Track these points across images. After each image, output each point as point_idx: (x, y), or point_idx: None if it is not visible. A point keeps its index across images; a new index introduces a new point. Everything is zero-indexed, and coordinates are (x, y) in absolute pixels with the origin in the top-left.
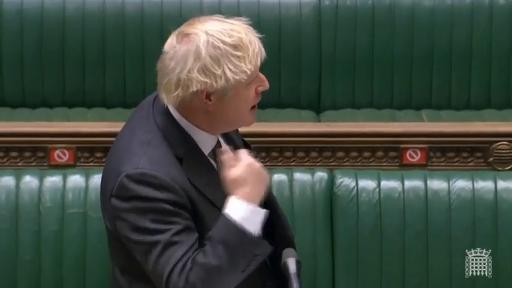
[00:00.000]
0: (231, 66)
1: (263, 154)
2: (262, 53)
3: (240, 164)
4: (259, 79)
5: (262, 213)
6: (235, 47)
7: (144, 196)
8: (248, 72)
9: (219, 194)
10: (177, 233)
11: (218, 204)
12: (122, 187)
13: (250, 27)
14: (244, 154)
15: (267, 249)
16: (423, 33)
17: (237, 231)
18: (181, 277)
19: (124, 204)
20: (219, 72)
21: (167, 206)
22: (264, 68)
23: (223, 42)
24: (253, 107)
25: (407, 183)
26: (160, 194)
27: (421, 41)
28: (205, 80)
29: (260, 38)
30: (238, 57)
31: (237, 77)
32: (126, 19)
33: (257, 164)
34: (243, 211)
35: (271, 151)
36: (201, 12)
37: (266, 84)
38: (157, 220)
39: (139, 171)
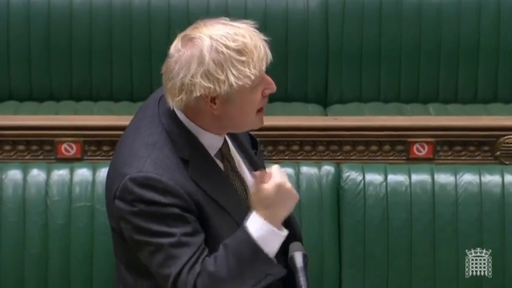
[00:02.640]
0: (234, 71)
1: (270, 148)
2: (268, 57)
3: (271, 183)
4: (265, 82)
5: (281, 236)
6: (239, 51)
7: (149, 200)
8: (252, 77)
9: (226, 195)
10: (183, 235)
11: (225, 206)
12: (126, 190)
13: (257, 31)
14: (276, 171)
15: (280, 272)
16: (430, 27)
17: (252, 247)
18: (189, 280)
19: (128, 207)
20: (222, 77)
21: (171, 210)
22: (271, 62)
23: (227, 47)
24: (260, 110)
25: (414, 177)
26: (165, 198)
27: (428, 34)
28: (209, 85)
29: (267, 41)
30: (242, 62)
31: (240, 82)
32: (133, 13)
33: (288, 184)
34: (263, 231)
35: (278, 145)
36: (208, 5)
37: (273, 87)
38: (162, 223)
39: (143, 174)
